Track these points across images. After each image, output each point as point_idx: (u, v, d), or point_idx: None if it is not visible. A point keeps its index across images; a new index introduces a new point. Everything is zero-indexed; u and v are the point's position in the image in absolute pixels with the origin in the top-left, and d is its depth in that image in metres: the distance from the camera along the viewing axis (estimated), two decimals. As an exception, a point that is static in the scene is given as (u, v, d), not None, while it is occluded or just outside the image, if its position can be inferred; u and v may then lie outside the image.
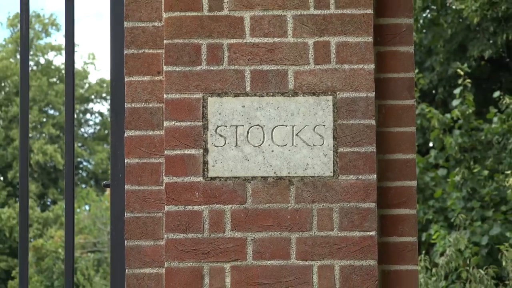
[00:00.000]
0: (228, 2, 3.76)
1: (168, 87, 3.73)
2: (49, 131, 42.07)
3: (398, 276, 3.75)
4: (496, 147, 13.58)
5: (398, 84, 3.82)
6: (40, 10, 43.21)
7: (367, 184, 3.69)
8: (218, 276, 3.65)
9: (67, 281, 3.96)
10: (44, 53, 43.83)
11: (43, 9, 42.11)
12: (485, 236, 12.89)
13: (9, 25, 42.29)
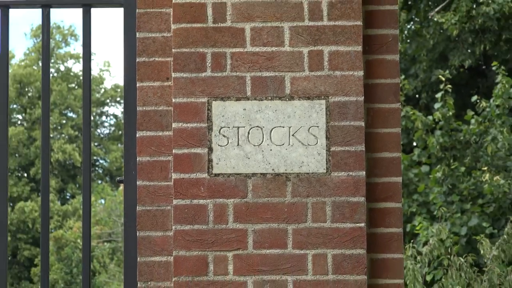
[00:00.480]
0: (230, 15, 3.76)
1: (176, 92, 3.73)
2: (68, 132, 42.05)
3: (385, 264, 3.75)
4: (474, 146, 13.58)
5: (385, 89, 3.82)
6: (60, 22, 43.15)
7: (356, 180, 3.68)
8: (222, 264, 3.65)
9: (85, 268, 3.96)
10: (63, 61, 43.78)
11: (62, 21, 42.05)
12: (464, 227, 12.89)
13: (32, 36, 42.27)
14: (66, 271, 35.75)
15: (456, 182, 13.41)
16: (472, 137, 13.59)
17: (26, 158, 40.68)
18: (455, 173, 13.47)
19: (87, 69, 4.09)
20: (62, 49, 43.84)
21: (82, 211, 4.02)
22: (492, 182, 12.89)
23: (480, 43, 15.61)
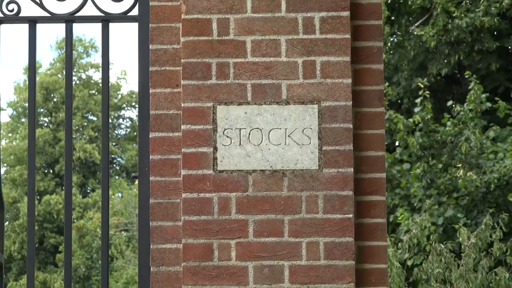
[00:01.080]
0: (233, 29, 3.76)
1: (185, 97, 3.73)
2: (89, 133, 42.07)
3: (370, 251, 3.74)
4: (449, 146, 13.57)
5: (371, 95, 3.81)
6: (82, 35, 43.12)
7: (345, 176, 3.68)
8: (225, 250, 3.65)
9: (104, 254, 3.95)
10: (85, 70, 43.80)
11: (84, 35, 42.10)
12: (441, 217, 12.89)
13: (57, 48, 42.28)
14: (87, 257, 35.78)
15: (434, 178, 13.41)
16: (448, 138, 13.59)
17: (52, 156, 40.71)
18: (433, 170, 13.47)
19: (105, 77, 4.08)
20: (84, 59, 43.88)
21: (101, 204, 4.01)
22: (466, 177, 12.89)
23: (455, 54, 15.60)
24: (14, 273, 38.61)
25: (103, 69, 4.08)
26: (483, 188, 12.94)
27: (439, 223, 12.76)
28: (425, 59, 16.01)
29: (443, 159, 13.57)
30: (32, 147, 4.12)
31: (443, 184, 13.28)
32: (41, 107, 41.21)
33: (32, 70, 4.09)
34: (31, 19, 4.03)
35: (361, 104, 3.80)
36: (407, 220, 12.51)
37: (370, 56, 3.84)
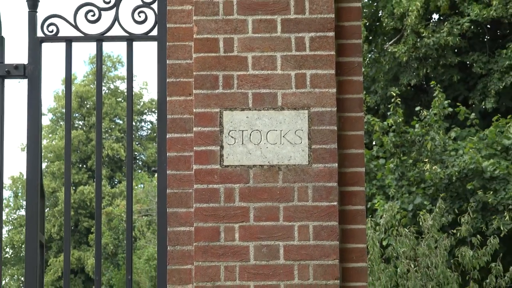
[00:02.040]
0: (236, 47, 3.75)
1: (196, 104, 3.72)
2: (116, 134, 42.09)
3: (352, 233, 3.73)
4: (418, 144, 13.57)
5: (352, 102, 3.80)
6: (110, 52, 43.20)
7: (331, 170, 3.67)
8: (230, 232, 3.64)
9: (128, 235, 3.95)
10: (113, 81, 43.81)
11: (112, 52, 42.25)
12: (410, 204, 12.90)
13: (90, 62, 42.32)
14: (114, 237, 35.80)
15: (405, 171, 13.41)
16: (416, 137, 13.59)
17: (85, 153, 40.75)
18: (404, 164, 13.47)
19: (129, 88, 4.07)
20: (112, 72, 43.90)
21: (126, 193, 4.01)
22: (431, 171, 12.89)
23: (423, 67, 15.61)
24: (54, 251, 38.68)
25: (127, 80, 4.08)
26: (446, 179, 12.94)
27: (409, 209, 12.77)
28: (398, 72, 16.02)
29: (412, 155, 13.57)
30: (68, 145, 4.11)
31: (413, 176, 13.28)
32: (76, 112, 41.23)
33: (69, 82, 4.08)
34: (67, 39, 4.02)
35: (344, 109, 3.79)
36: (382, 206, 12.50)
37: (352, 69, 3.83)
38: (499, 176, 12.77)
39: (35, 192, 3.99)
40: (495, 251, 10.73)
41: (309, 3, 3.77)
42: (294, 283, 3.62)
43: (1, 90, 4.01)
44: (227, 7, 3.77)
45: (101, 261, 4.11)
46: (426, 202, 12.83)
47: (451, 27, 15.14)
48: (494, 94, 14.95)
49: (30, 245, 3.96)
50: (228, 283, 3.62)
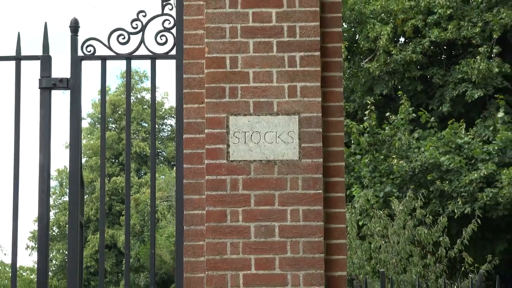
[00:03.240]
0: (240, 64, 3.75)
1: (208, 110, 3.71)
2: (142, 134, 42.08)
3: (334, 215, 3.73)
4: (387, 143, 13.58)
5: (334, 109, 3.80)
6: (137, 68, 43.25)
7: (317, 164, 3.67)
8: (235, 215, 3.64)
9: (152, 217, 3.95)
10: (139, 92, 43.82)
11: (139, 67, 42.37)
12: (381, 192, 12.90)
13: (121, 76, 42.26)
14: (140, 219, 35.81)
15: (377, 165, 13.42)
16: (386, 138, 13.60)
17: (117, 150, 40.75)
18: (376, 159, 13.48)
19: (153, 97, 4.07)
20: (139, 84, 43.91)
21: (150, 183, 4.01)
22: (398, 165, 12.91)
23: (392, 80, 15.62)
24: (92, 230, 38.70)
25: (151, 91, 4.07)
26: (410, 172, 12.95)
27: (380, 196, 12.77)
28: (372, 84, 16.03)
29: (383, 152, 13.58)
30: (103, 144, 4.11)
31: (383, 169, 13.30)
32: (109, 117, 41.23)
33: (103, 92, 4.08)
34: (102, 57, 4.02)
35: (328, 115, 3.78)
36: (359, 194, 12.51)
37: (334, 82, 3.83)
38: (453, 169, 12.78)
39: (76, 182, 3.99)
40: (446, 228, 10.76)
41: (299, 29, 3.77)
42: (287, 256, 3.61)
43: (49, 99, 4.01)
44: (232, 31, 3.77)
45: (130, 238, 4.11)
46: (394, 190, 12.84)
47: (414, 46, 15.14)
48: (449, 100, 14.96)
49: (72, 225, 3.96)
50: (233, 256, 3.62)
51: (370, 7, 15.38)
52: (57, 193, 42.92)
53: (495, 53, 14.62)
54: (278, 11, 3.77)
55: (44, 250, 3.95)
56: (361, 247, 10.74)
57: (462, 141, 13.29)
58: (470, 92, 14.55)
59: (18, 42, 4.05)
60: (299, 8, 3.77)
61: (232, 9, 3.77)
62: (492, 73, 14.34)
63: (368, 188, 12.95)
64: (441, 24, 15.10)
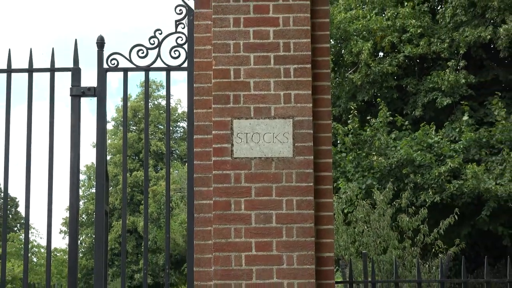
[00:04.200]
0: (242, 74, 3.74)
1: (215, 115, 3.71)
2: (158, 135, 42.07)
3: (323, 204, 3.73)
4: (368, 143, 13.57)
5: (323, 113, 3.80)
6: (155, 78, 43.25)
7: (309, 161, 3.67)
8: (238, 204, 3.64)
9: (167, 206, 3.94)
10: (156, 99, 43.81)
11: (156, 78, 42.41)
12: (363, 184, 12.89)
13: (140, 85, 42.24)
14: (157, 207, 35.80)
15: (360, 161, 13.41)
16: (367, 138, 13.58)
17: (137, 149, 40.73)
18: (359, 156, 13.47)
19: (168, 103, 4.07)
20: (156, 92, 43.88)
21: (165, 176, 4.00)
22: (378, 161, 12.89)
23: (372, 88, 15.59)
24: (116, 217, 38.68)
25: (167, 98, 4.07)
26: (388, 167, 12.94)
27: (363, 188, 12.76)
28: (355, 92, 16.01)
29: (365, 150, 13.57)
30: (125, 143, 4.11)
31: (365, 165, 13.29)
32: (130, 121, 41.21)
33: (125, 99, 4.08)
34: (124, 69, 4.02)
35: (318, 118, 3.78)
36: (344, 186, 12.50)
37: (323, 90, 3.83)
38: (425, 164, 12.78)
39: (102, 176, 3.99)
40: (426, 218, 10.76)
41: (293, 45, 3.76)
42: (282, 240, 3.61)
43: (78, 105, 4.01)
44: (236, 47, 3.77)
45: (148, 223, 4.11)
46: (375, 182, 12.82)
47: (391, 60, 15.12)
48: (421, 106, 14.95)
49: (99, 213, 3.96)
50: (236, 240, 3.61)
51: (353, 26, 15.37)
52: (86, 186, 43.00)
53: (461, 66, 14.60)
54: (275, 29, 3.77)
55: (74, 234, 3.95)
56: (346, 232, 10.73)
57: (432, 141, 13.29)
58: (440, 99, 14.54)
59: (52, 56, 4.05)
60: (293, 27, 3.77)
61: (235, 28, 3.77)
62: (458, 83, 14.33)
63: (352, 181, 12.94)
64: (413, 41, 15.10)
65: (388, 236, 10.40)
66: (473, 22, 14.60)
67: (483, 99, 14.91)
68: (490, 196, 12.11)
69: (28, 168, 3.98)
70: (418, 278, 4.59)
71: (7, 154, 4.00)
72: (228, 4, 3.77)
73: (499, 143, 12.89)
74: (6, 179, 4.00)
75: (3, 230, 4.02)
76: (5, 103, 4.01)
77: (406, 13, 15.04)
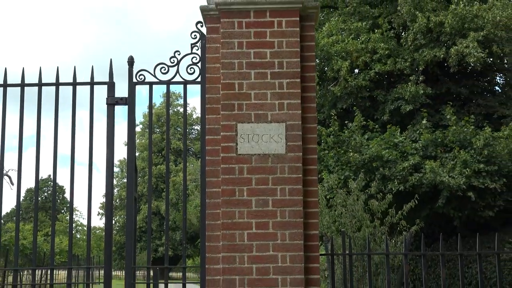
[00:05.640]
0: (245, 87, 3.73)
1: (223, 119, 3.70)
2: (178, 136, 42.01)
3: (310, 192, 3.71)
4: (346, 142, 13.54)
5: (310, 118, 3.79)
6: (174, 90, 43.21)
7: (298, 157, 3.65)
8: (241, 191, 3.62)
9: (184, 193, 3.93)
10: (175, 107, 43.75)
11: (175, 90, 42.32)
12: (342, 175, 12.85)
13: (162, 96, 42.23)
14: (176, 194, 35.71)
15: (339, 157, 13.38)
16: (345, 138, 13.55)
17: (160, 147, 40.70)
18: (339, 153, 13.43)
19: (185, 110, 4.06)
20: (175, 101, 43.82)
21: (183, 169, 3.99)
22: (354, 157, 12.88)
23: (349, 98, 15.55)
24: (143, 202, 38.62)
25: (184, 108, 4.06)
26: (362, 162, 12.92)
27: (341, 178, 12.74)
28: (336, 101, 15.97)
29: (343, 148, 13.54)
30: (150, 142, 4.09)
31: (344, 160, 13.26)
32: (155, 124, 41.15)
33: (151, 107, 4.07)
34: (150, 83, 4.01)
35: (305, 123, 3.77)
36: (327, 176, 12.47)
37: (310, 100, 3.81)
38: (391, 160, 12.76)
39: (132, 168, 3.98)
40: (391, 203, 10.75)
41: (286, 63, 3.75)
42: (277, 220, 3.60)
43: (113, 111, 4.00)
44: (239, 65, 3.76)
45: (169, 206, 4.10)
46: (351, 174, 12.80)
47: (364, 75, 15.10)
48: (388, 112, 14.93)
49: (129, 198, 3.95)
50: (240, 220, 3.61)
51: (334, 48, 15.34)
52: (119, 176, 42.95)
53: (420, 80, 14.58)
54: (271, 51, 3.76)
55: (109, 215, 3.94)
56: (328, 214, 10.72)
57: (397, 141, 13.27)
58: (403, 107, 14.52)
59: (92, 72, 4.04)
60: (286, 49, 3.76)
61: (239, 50, 3.76)
62: (418, 94, 14.33)
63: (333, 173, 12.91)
64: (382, 60, 15.08)
65: (362, 217, 10.40)
66: (430, 44, 14.63)
67: (438, 107, 14.91)
68: (444, 186, 12.11)
69: (72, 162, 3.98)
70: (386, 251, 4.57)
71: (55, 151, 3.99)
72: (233, 30, 3.76)
73: (451, 143, 12.90)
74: (54, 171, 4.00)
75: (53, 212, 4.02)
76: (54, 110, 4.00)
77: (376, 38, 15.05)
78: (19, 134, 3.95)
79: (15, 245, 3.91)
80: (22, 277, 16.62)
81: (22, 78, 4.04)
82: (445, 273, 4.54)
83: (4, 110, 3.96)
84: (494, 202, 12.62)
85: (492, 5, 13.91)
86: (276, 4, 3.74)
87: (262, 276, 3.53)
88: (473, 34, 13.59)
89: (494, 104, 14.93)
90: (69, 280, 3.92)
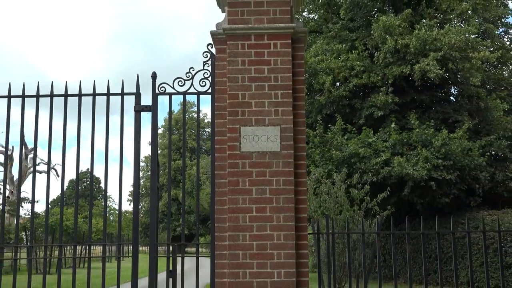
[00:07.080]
0: (247, 97, 3.72)
1: (229, 123, 3.69)
2: (192, 137, 41.95)
3: (300, 182, 3.67)
4: (330, 142, 13.52)
5: (300, 122, 3.78)
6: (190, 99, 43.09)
7: (290, 154, 3.64)
8: (244, 182, 3.61)
9: (197, 183, 3.92)
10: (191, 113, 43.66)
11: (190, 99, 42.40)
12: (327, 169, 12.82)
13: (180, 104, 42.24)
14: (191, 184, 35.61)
15: (324, 154, 13.36)
16: (329, 139, 13.53)
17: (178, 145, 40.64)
18: (324, 151, 13.42)
19: (198, 116, 4.04)
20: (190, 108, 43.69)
21: (196, 163, 3.98)
22: (336, 154, 12.86)
23: (332, 106, 15.53)
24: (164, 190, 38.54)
25: (197, 114, 4.05)
26: (342, 158, 12.90)
27: (326, 171, 12.72)
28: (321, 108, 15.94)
29: (327, 147, 13.52)
30: (169, 142, 4.08)
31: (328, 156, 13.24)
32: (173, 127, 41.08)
33: (170, 114, 4.06)
34: (169, 94, 4.00)
35: (296, 126, 3.76)
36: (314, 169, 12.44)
37: (300, 108, 3.80)
38: (366, 156, 12.76)
39: (155, 163, 3.97)
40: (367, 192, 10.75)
41: (280, 77, 3.74)
42: (273, 205, 3.59)
43: (139, 117, 3.99)
44: (242, 79, 3.75)
45: (185, 194, 4.08)
46: (333, 168, 12.79)
47: (344, 87, 15.09)
48: (364, 117, 14.92)
49: (153, 188, 3.94)
50: (243, 206, 3.60)
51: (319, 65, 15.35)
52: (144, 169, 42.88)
53: (389, 91, 14.59)
54: (268, 67, 3.75)
55: (136, 201, 3.93)
56: (315, 200, 10.70)
57: (371, 140, 13.27)
58: (376, 113, 14.53)
59: (122, 85, 4.04)
60: (280, 66, 3.75)
61: (242, 67, 3.75)
62: (388, 102, 14.34)
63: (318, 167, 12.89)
64: (358, 75, 15.08)
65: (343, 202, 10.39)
66: (398, 62, 14.66)
67: (404, 113, 14.91)
68: (409, 178, 12.13)
69: (106, 158, 3.97)
70: (362, 230, 4.57)
71: (92, 149, 3.99)
72: (237, 51, 3.75)
73: (415, 142, 12.93)
74: (92, 165, 3.99)
75: (90, 198, 4.02)
76: (91, 117, 4.00)
77: (353, 57, 15.07)
78: (63, 136, 3.95)
79: (60, 226, 3.92)
80: (66, 252, 16.64)
81: (66, 90, 4.03)
82: (410, 248, 4.57)
83: (64, 117, 3.97)
84: (449, 191, 12.67)
85: (448, 30, 13.95)
86: (272, 29, 3.74)
87: (261, 251, 3.53)
88: (433, 54, 13.64)
89: (449, 111, 14.97)
90: (104, 254, 3.92)
